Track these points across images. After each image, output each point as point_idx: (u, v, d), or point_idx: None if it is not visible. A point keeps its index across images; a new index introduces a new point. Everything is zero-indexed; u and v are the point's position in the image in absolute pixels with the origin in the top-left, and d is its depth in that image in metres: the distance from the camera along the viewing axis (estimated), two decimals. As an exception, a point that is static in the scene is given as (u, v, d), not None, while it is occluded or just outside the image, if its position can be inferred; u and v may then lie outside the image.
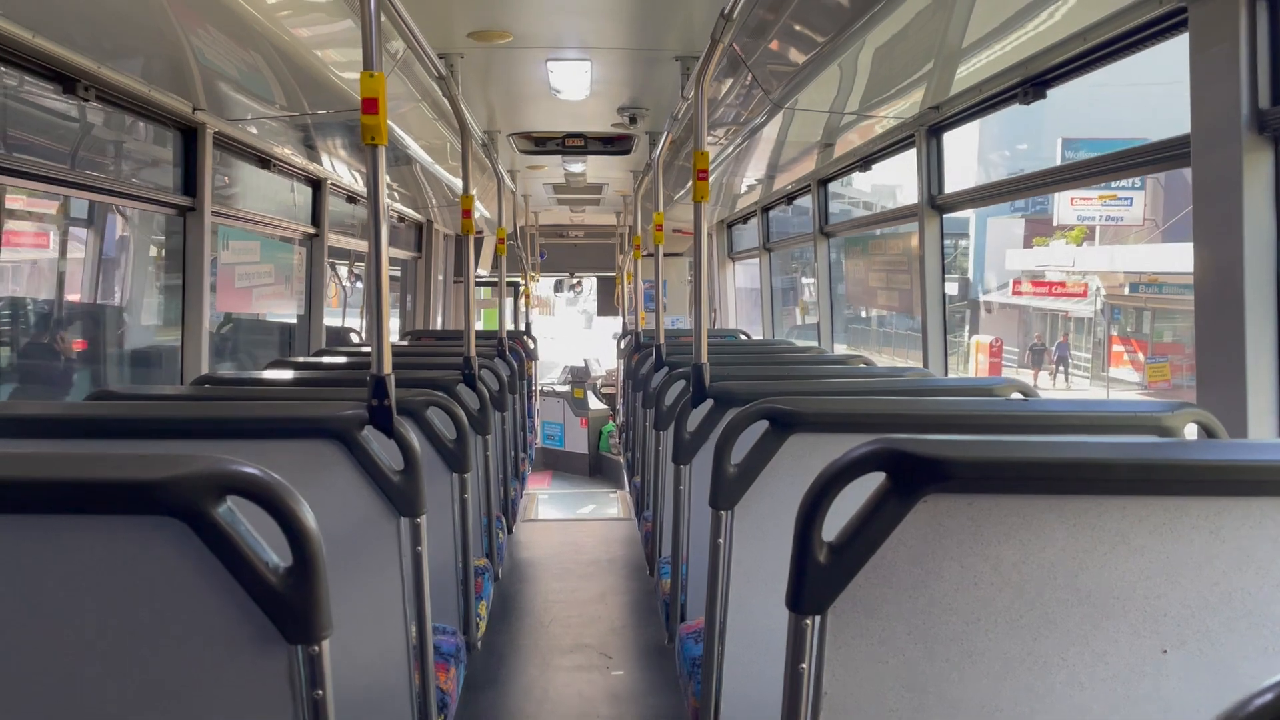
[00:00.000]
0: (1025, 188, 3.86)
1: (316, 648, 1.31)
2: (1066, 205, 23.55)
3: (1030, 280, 25.64)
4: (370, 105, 2.14)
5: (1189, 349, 20.05)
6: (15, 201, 4.05)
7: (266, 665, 1.31)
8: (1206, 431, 2.00)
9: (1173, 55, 2.51)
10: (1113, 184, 21.37)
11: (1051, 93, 3.27)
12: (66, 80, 3.05)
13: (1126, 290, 22.56)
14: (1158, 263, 20.55)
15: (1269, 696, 0.47)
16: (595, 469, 12.40)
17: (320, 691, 1.32)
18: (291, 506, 1.26)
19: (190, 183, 4.00)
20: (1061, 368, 24.28)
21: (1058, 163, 18.74)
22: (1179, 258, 18.80)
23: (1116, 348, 23.26)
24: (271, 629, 1.29)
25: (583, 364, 13.85)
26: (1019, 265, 25.51)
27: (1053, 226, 25.04)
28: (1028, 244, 26.16)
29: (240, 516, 1.27)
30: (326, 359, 4.75)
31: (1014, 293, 26.15)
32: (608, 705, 4.12)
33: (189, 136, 3.99)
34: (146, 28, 3.06)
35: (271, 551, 1.29)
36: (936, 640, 1.33)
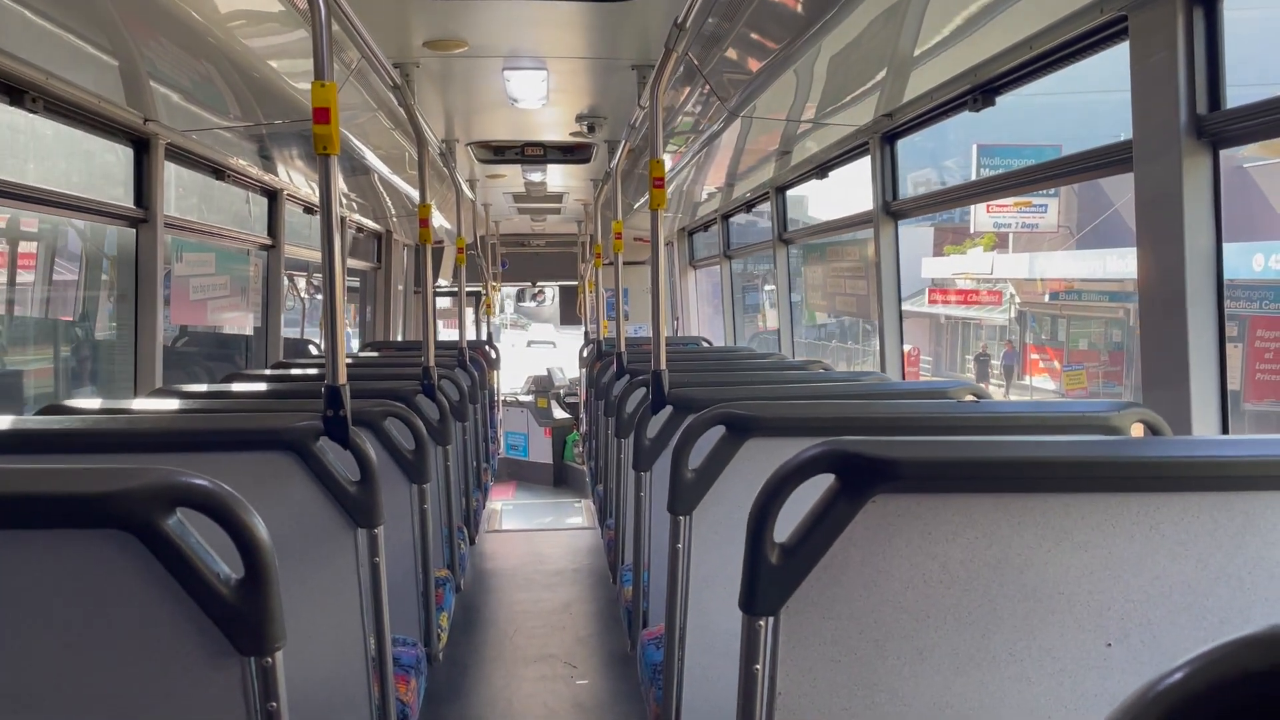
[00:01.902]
0: (976, 193, 3.93)
1: (269, 659, 1.30)
2: (983, 212, 23.08)
3: (940, 289, 24.97)
4: (322, 115, 2.14)
5: (1104, 356, 20.20)
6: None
7: (219, 677, 1.30)
8: (1152, 430, 2.05)
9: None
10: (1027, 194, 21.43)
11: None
12: (14, 92, 3.00)
13: (1048, 298, 22.30)
14: (1075, 269, 20.36)
15: (1178, 676, 0.48)
16: (560, 479, 12.36)
17: (274, 703, 1.31)
18: (242, 517, 1.25)
19: (142, 195, 3.95)
20: (1006, 379, 23.15)
21: (973, 169, 18.86)
22: (1097, 264, 18.85)
23: (1033, 355, 22.94)
24: (224, 641, 1.29)
25: (546, 373, 13.82)
26: (933, 273, 24.91)
27: (969, 234, 24.58)
28: (938, 251, 25.49)
29: (190, 529, 1.26)
30: (284, 371, 4.71)
31: (930, 301, 25.55)
32: (572, 715, 4.11)
33: (140, 148, 3.94)
34: (97, 38, 3.02)
35: (223, 563, 1.28)
36: (888, 638, 1.35)
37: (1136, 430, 2.07)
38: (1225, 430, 2.30)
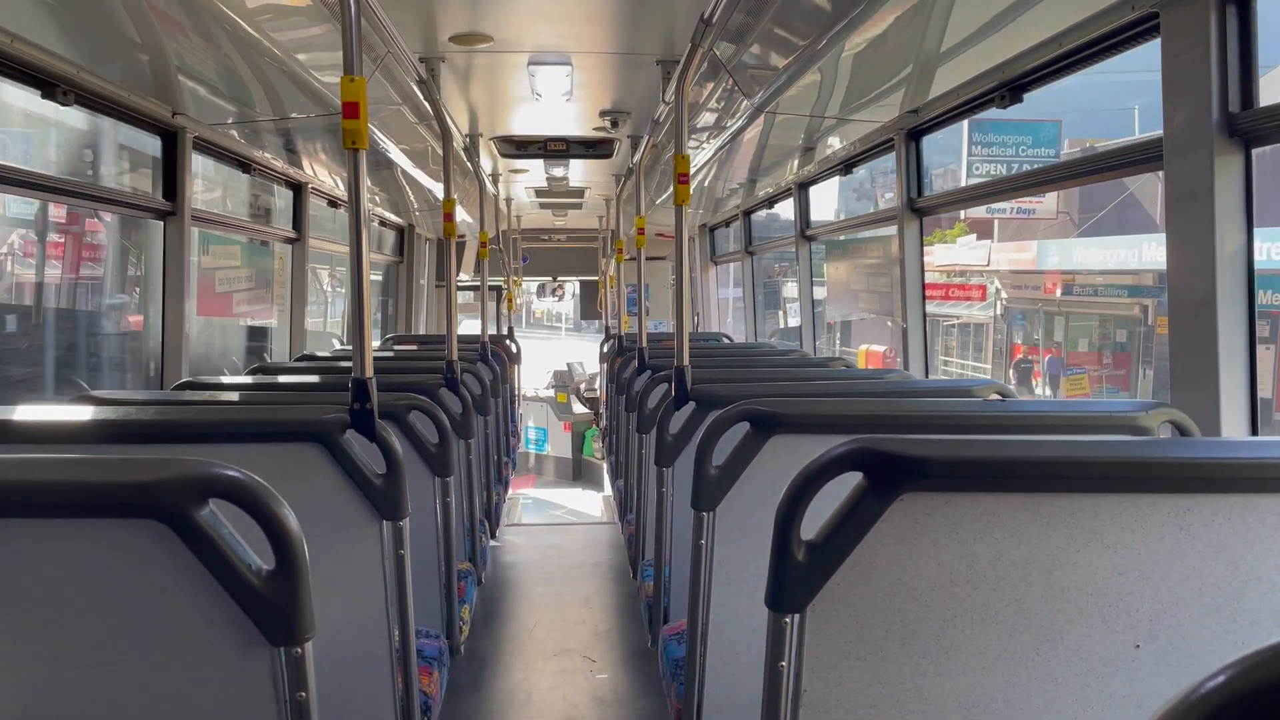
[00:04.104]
0: (1003, 190, 3.90)
1: (299, 650, 1.31)
2: None
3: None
4: (351, 110, 2.15)
5: (1108, 358, 18.42)
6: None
7: (249, 667, 1.32)
8: (1180, 430, 2.03)
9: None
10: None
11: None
12: (46, 84, 3.04)
13: (1060, 293, 19.73)
14: (1099, 259, 17.91)
15: (1221, 678, 0.48)
16: (579, 473, 12.41)
17: (303, 693, 1.33)
18: (273, 508, 1.26)
19: (170, 187, 3.99)
20: (1053, 391, 18.82)
21: (963, 148, 17.50)
22: (1127, 254, 16.95)
23: (1019, 356, 20.69)
24: (254, 631, 1.30)
25: (566, 368, 13.84)
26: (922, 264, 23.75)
27: (937, 224, 22.40)
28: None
29: (223, 519, 1.28)
30: (308, 363, 4.74)
31: None
32: (591, 709, 4.13)
33: (169, 140, 3.98)
34: (127, 32, 3.05)
35: (254, 554, 1.29)
36: (914, 637, 1.35)
37: (1164, 430, 2.05)
38: (1254, 431, 2.28)
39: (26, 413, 2.22)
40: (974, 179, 17.44)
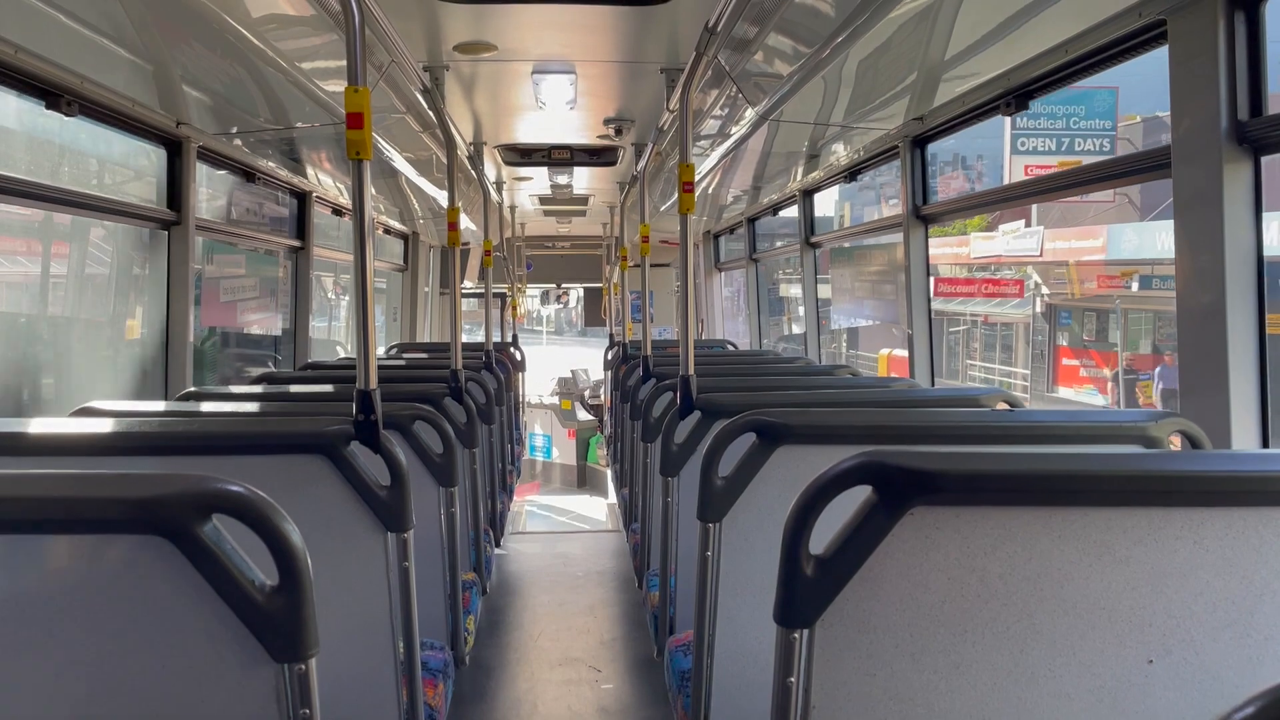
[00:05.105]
0: (1008, 198, 3.89)
1: (303, 666, 1.30)
2: (1020, 173, 17.25)
3: (947, 279, 20.19)
4: (355, 120, 2.14)
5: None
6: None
7: (253, 684, 1.30)
8: (1191, 441, 2.02)
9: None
10: (1077, 150, 16.97)
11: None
12: (50, 95, 3.04)
13: (1135, 286, 17.23)
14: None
15: (1250, 710, 0.47)
16: (583, 481, 12.38)
17: (307, 710, 1.31)
18: (277, 524, 1.25)
19: (174, 196, 3.99)
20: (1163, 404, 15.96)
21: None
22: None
23: (1068, 361, 18.50)
24: (258, 647, 1.29)
25: (570, 375, 13.84)
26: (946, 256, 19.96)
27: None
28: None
29: (225, 534, 1.26)
30: (314, 372, 4.73)
31: (935, 293, 20.47)
32: (597, 719, 4.11)
33: (173, 150, 3.98)
34: (131, 42, 3.05)
35: (257, 569, 1.28)
36: (924, 653, 1.33)
37: (1174, 441, 2.04)
38: (1265, 442, 2.26)
39: (29, 425, 2.21)
40: (1018, 155, 16.51)
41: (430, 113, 4.01)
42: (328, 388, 3.66)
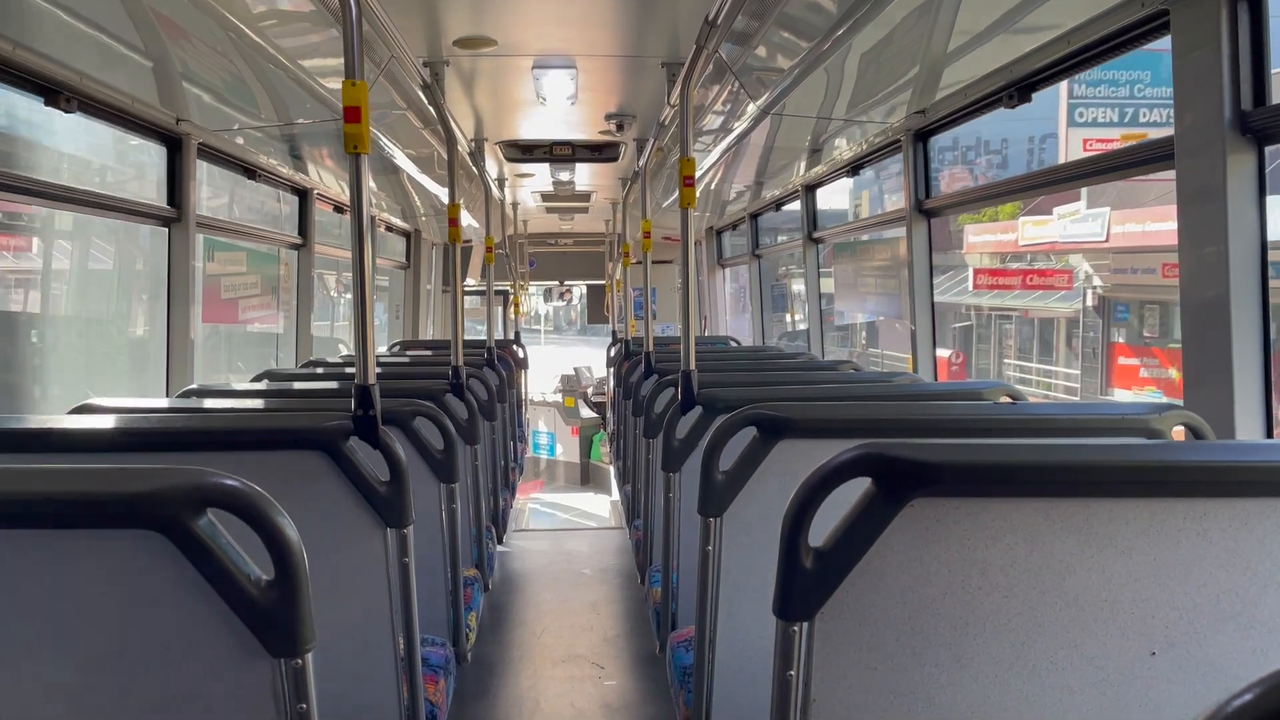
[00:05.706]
0: (1012, 190, 3.87)
1: (299, 661, 1.29)
2: (1079, 151, 15.51)
3: (990, 271, 18.52)
4: (353, 114, 2.13)
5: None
6: None
7: (249, 679, 1.30)
8: (1194, 433, 2.00)
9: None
10: (1141, 122, 15.41)
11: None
12: (49, 92, 3.03)
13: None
14: None
15: (1248, 696, 0.46)
16: (586, 478, 12.39)
17: (304, 705, 1.31)
18: (272, 518, 1.25)
19: (174, 193, 3.98)
20: None
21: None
22: None
23: (1125, 360, 16.26)
24: (254, 642, 1.28)
25: (573, 372, 13.84)
26: (978, 247, 18.33)
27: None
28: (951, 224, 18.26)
29: (221, 529, 1.26)
30: (315, 369, 4.73)
31: (975, 286, 18.93)
32: (600, 715, 4.10)
33: (173, 147, 3.97)
34: (130, 39, 3.04)
35: (253, 564, 1.27)
36: (925, 645, 1.32)
37: (1177, 433, 2.02)
38: (1269, 434, 2.24)
39: (28, 422, 2.21)
40: (1076, 128, 15.31)
41: (431, 109, 4.00)
42: (329, 384, 3.65)
